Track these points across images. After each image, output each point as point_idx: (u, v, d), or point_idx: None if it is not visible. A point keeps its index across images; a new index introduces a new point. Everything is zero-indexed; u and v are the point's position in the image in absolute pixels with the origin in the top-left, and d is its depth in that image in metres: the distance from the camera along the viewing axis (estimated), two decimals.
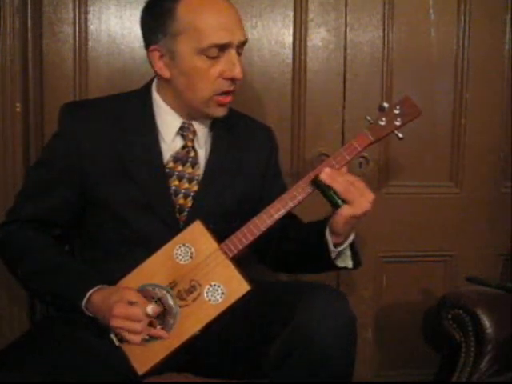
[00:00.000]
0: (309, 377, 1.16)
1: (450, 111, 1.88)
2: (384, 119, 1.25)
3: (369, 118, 1.26)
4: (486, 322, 1.50)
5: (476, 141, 1.90)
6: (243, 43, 1.27)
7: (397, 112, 1.25)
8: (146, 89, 1.34)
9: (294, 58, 1.77)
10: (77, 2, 1.63)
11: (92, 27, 1.65)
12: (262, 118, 1.64)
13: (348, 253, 1.32)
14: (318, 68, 1.79)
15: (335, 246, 1.27)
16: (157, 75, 1.31)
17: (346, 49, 1.80)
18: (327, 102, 1.80)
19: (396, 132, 1.26)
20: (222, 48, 1.22)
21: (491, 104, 1.90)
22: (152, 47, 1.26)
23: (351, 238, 1.29)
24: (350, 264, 1.32)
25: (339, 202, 1.21)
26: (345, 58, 1.80)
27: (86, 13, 1.64)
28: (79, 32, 1.64)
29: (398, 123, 1.25)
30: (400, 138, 1.26)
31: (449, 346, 1.58)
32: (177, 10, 1.21)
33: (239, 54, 1.26)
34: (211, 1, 1.23)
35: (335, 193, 1.20)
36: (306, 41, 1.77)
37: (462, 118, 1.88)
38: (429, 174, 1.90)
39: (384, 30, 1.81)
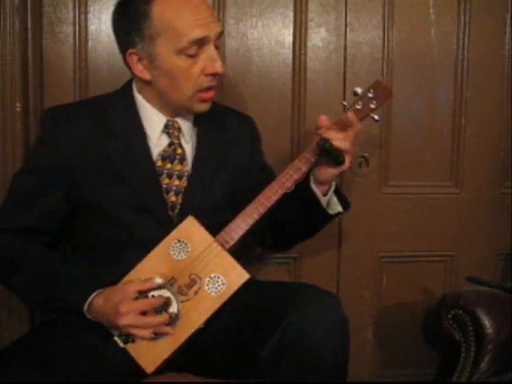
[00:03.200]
0: (300, 377, 1.16)
1: (450, 111, 1.88)
2: (360, 103, 1.31)
3: (345, 103, 1.33)
4: (486, 322, 1.50)
5: (476, 141, 1.90)
6: (220, 34, 1.27)
7: (371, 96, 1.31)
8: (127, 89, 1.33)
9: (293, 58, 1.77)
10: (77, 2, 1.63)
11: (92, 27, 1.65)
12: (262, 118, 1.64)
13: (335, 199, 1.35)
14: (318, 68, 1.79)
15: (324, 195, 1.31)
16: (135, 77, 1.30)
17: (345, 49, 1.79)
18: (327, 102, 1.80)
19: (372, 114, 1.32)
20: (201, 44, 1.22)
21: (491, 104, 1.90)
22: (129, 51, 1.25)
23: (334, 183, 1.33)
24: (340, 208, 1.36)
25: (341, 158, 1.25)
26: (345, 58, 1.80)
27: (86, 13, 1.64)
28: (79, 32, 1.64)
29: (373, 106, 1.31)
30: (376, 120, 1.34)
31: (449, 346, 1.58)
32: (151, 12, 1.21)
33: (217, 47, 1.26)
34: None
35: (337, 150, 1.24)
36: (306, 41, 1.77)
37: (462, 117, 1.88)
38: (429, 174, 1.89)
39: (384, 30, 1.80)
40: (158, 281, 1.18)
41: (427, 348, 1.87)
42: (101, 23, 1.65)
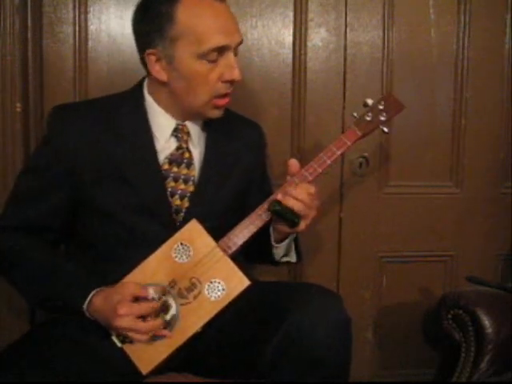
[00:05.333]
0: (301, 377, 1.16)
1: (450, 111, 1.88)
2: (370, 114, 1.31)
3: (355, 114, 1.31)
4: (486, 322, 1.50)
5: (476, 141, 1.90)
6: (239, 44, 1.27)
7: (381, 107, 1.31)
8: (138, 90, 1.33)
9: (293, 58, 1.77)
10: (77, 2, 1.63)
11: (92, 27, 1.65)
12: (262, 118, 1.64)
13: (293, 246, 1.38)
14: (318, 68, 1.79)
15: (278, 241, 1.33)
16: (150, 78, 1.30)
17: (345, 49, 1.79)
18: (327, 102, 1.80)
19: (381, 127, 1.32)
20: (221, 51, 1.22)
21: (491, 104, 1.90)
22: (148, 51, 1.24)
23: (293, 234, 1.35)
24: (293, 258, 1.40)
25: (297, 220, 1.24)
26: (345, 58, 1.80)
27: (86, 13, 1.64)
28: (79, 32, 1.64)
29: (383, 118, 1.31)
30: (386, 133, 1.33)
31: (449, 346, 1.58)
32: (176, 14, 1.20)
33: (235, 54, 1.26)
34: (209, 4, 1.22)
35: (293, 212, 1.23)
36: (306, 41, 1.77)
37: (462, 118, 1.88)
38: (429, 174, 1.90)
39: (384, 30, 1.80)
40: (151, 291, 1.18)
41: (427, 348, 1.87)
42: (101, 23, 1.65)
